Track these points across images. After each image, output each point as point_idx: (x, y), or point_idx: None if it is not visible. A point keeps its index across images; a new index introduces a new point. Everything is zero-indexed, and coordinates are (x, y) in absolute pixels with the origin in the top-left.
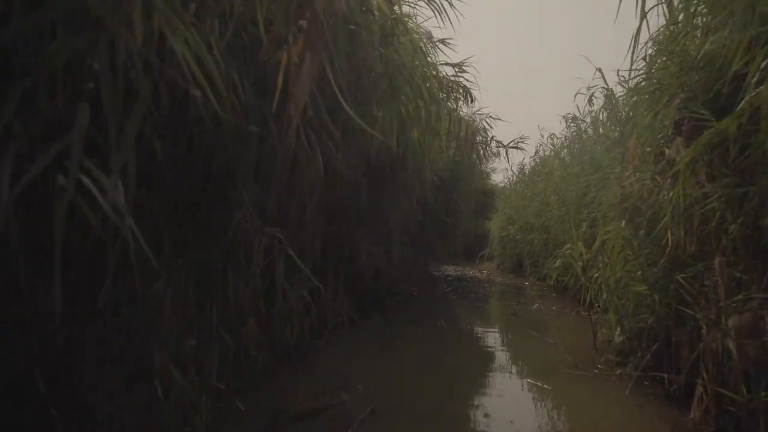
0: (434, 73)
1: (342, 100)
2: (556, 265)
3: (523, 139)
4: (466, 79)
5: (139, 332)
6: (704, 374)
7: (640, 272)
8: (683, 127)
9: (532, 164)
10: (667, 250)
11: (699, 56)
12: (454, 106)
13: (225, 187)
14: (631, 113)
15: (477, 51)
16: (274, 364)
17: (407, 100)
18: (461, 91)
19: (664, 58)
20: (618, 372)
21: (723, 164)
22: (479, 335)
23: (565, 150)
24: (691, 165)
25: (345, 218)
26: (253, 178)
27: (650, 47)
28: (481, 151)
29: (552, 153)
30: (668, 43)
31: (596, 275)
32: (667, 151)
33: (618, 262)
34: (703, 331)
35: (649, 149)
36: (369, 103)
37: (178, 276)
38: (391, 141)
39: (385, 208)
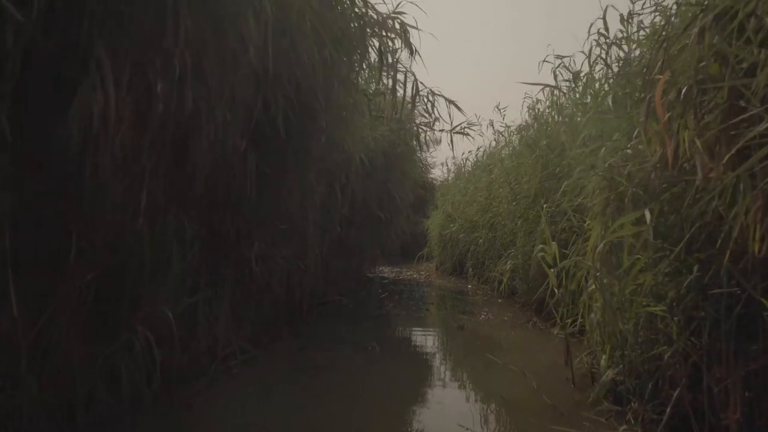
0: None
1: None
2: (508, 268)
3: (470, 124)
4: (407, 24)
5: None
6: None
7: (654, 284)
8: None
9: (475, 158)
10: (727, 252)
11: None
12: (391, 58)
13: None
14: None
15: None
16: None
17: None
18: (399, 34)
19: None
20: (622, 430)
21: None
22: (423, 363)
23: (517, 137)
24: None
25: (226, 210)
26: None
27: None
28: (423, 136)
29: (503, 142)
30: None
31: (584, 287)
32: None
33: (632, 270)
34: None
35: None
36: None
37: None
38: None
39: (290, 196)
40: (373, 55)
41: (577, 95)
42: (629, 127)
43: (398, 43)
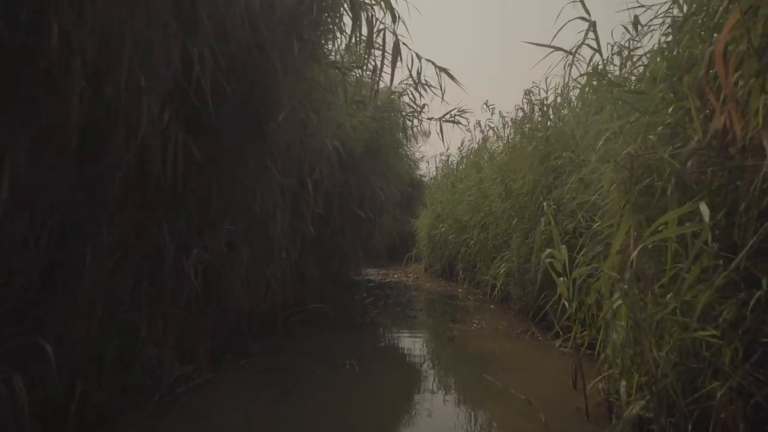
0: None
1: None
2: (502, 272)
3: (462, 111)
4: None
5: None
6: None
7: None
8: None
9: (462, 154)
10: None
11: None
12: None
13: None
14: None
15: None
16: None
17: None
18: None
19: None
20: None
21: None
22: (408, 388)
23: (511, 129)
24: None
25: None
26: None
27: None
28: (410, 126)
29: (494, 137)
30: None
31: (600, 299)
32: None
33: (680, 283)
34: None
35: None
36: None
37: None
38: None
39: (246, 191)
40: (347, 19)
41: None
42: (656, 106)
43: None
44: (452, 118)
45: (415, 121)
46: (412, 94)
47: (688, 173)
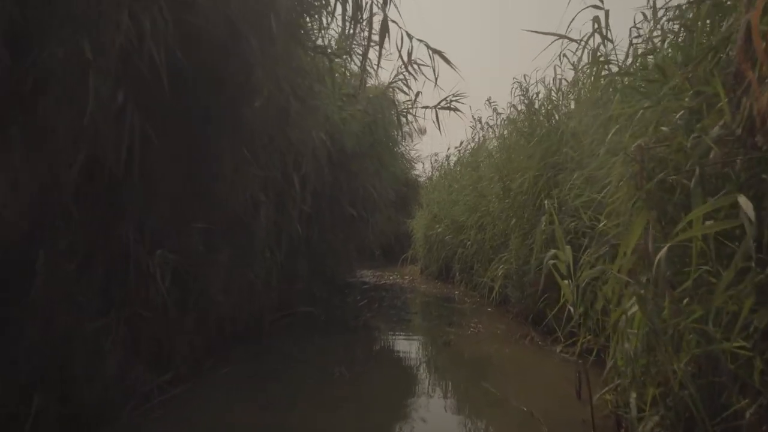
0: None
1: None
2: (500, 274)
3: (458, 96)
4: None
5: None
6: None
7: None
8: None
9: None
10: None
11: None
12: None
13: None
14: None
15: None
16: None
17: None
18: None
19: None
20: None
21: None
22: (401, 397)
23: (509, 129)
24: None
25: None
26: None
27: None
28: (405, 123)
29: (491, 135)
30: None
31: (606, 305)
32: None
33: (712, 287)
34: None
35: None
36: None
37: None
38: None
39: (221, 185)
40: None
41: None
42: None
43: None
44: (448, 105)
45: (410, 117)
46: (405, 77)
47: (711, 164)
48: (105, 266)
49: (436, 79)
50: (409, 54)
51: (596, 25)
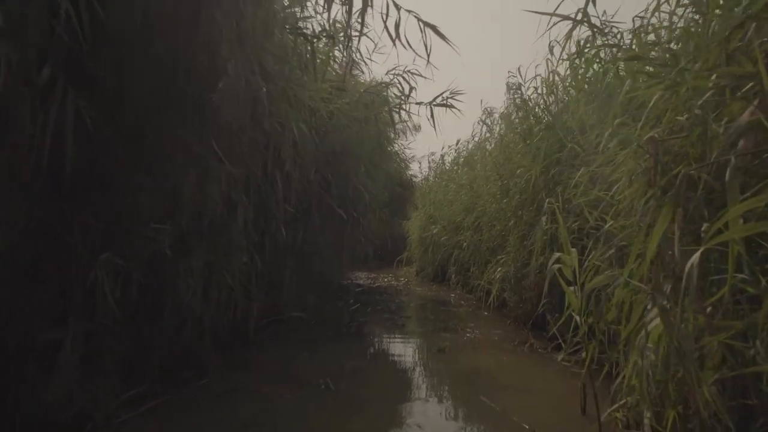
0: None
1: None
2: (497, 277)
3: (454, 93)
4: None
5: None
6: None
7: None
8: None
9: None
10: None
11: None
12: None
13: None
14: None
15: None
16: None
17: None
18: None
19: None
20: None
21: None
22: (391, 414)
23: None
24: None
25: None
26: None
27: None
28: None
29: (487, 133)
30: None
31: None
32: None
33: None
34: None
35: None
36: None
37: None
38: None
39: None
40: None
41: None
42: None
43: None
44: (444, 102)
45: (404, 114)
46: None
47: (741, 154)
48: (54, 274)
49: (428, 55)
50: (397, 27)
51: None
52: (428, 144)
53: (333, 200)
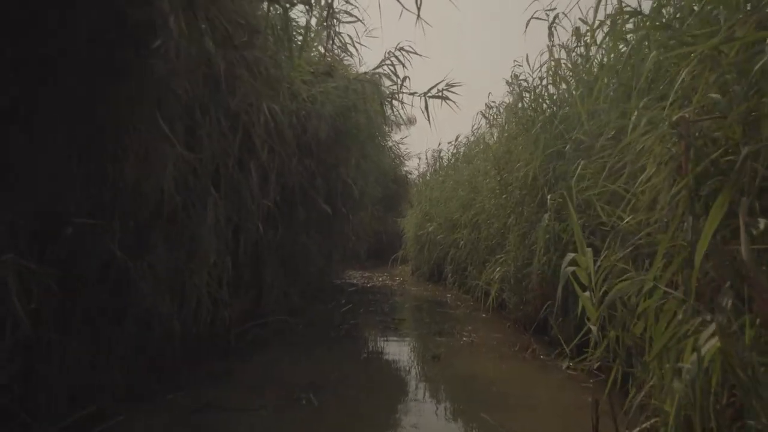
0: None
1: None
2: (496, 277)
3: (451, 85)
4: None
5: None
6: None
7: None
8: None
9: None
10: None
11: None
12: None
13: None
14: None
15: None
16: None
17: None
18: None
19: None
20: None
21: None
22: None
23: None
24: None
25: None
26: None
27: None
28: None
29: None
30: None
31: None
32: None
33: None
34: None
35: None
36: None
37: None
38: None
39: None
40: None
41: None
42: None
43: None
44: (440, 94)
45: (397, 104)
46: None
47: None
48: None
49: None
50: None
51: None
52: (425, 141)
53: (318, 194)
